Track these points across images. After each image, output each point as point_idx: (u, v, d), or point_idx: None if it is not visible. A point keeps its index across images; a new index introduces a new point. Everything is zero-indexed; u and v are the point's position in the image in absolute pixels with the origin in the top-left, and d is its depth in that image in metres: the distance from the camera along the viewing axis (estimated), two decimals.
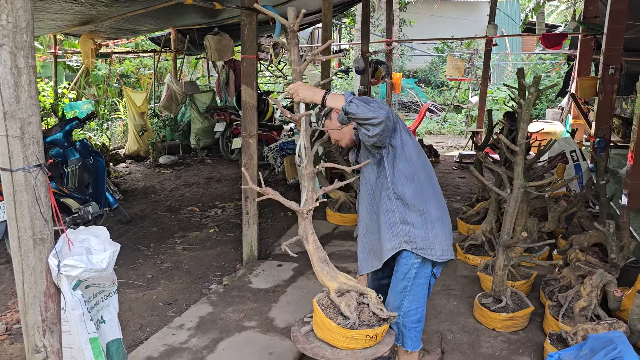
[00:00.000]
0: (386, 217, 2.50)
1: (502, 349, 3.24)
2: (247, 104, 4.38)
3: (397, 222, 2.48)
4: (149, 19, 7.69)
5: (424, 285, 2.58)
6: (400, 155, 2.46)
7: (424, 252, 2.48)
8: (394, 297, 2.58)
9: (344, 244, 5.14)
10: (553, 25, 17.78)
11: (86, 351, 2.23)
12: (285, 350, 3.20)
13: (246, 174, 2.39)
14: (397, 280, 2.56)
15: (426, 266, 2.54)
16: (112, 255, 2.30)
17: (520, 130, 3.28)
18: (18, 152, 2.03)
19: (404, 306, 2.56)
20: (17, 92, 2.00)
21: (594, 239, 4.18)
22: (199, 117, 9.96)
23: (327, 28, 6.65)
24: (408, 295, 2.54)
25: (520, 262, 3.69)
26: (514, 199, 3.34)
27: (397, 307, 2.56)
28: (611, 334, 2.37)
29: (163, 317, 3.79)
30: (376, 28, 17.30)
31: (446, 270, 4.48)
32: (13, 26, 1.97)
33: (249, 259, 4.67)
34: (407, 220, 2.47)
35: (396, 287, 2.56)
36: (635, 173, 5.34)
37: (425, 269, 2.54)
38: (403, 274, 2.52)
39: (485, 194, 5.74)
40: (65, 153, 5.29)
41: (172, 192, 7.35)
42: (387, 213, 2.49)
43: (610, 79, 7.10)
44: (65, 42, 12.39)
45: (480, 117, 10.58)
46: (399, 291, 2.55)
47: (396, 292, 2.56)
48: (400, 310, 2.55)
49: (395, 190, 2.47)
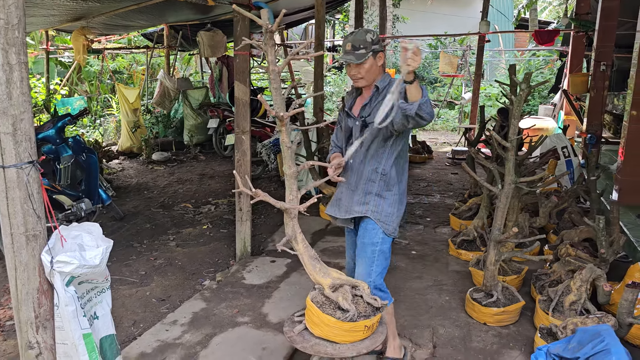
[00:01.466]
0: (366, 185, 2.74)
1: (493, 343, 3.27)
2: (240, 101, 4.38)
3: (373, 193, 2.73)
4: (142, 15, 7.66)
5: (389, 247, 2.82)
6: (402, 140, 2.72)
7: (383, 225, 2.73)
8: (363, 262, 2.78)
9: (337, 239, 5.16)
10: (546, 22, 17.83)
11: (79, 347, 2.24)
12: (278, 345, 3.22)
13: (238, 177, 2.39)
14: (364, 246, 2.77)
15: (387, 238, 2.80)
16: (105, 252, 2.31)
17: (511, 127, 3.31)
18: (10, 149, 2.03)
19: (374, 268, 2.76)
20: (9, 89, 1.99)
21: (584, 234, 4.23)
22: (192, 114, 9.94)
23: (320, 25, 6.65)
24: (377, 259, 2.76)
25: (511, 257, 3.73)
26: (505, 194, 3.37)
27: (368, 272, 2.76)
28: (598, 327, 2.41)
29: (156, 313, 3.80)
30: (369, 24, 17.28)
31: (438, 265, 4.51)
32: (5, 22, 1.96)
33: (242, 255, 4.68)
34: (382, 194, 2.73)
35: (364, 252, 2.77)
36: (626, 169, 5.40)
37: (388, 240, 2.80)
38: (370, 239, 2.74)
39: (478, 189, 5.77)
40: (58, 150, 5.28)
41: (165, 189, 7.35)
42: (368, 182, 2.73)
43: (602, 75, 7.16)
44: (57, 38, 12.31)
45: (473, 114, 10.63)
46: (368, 256, 2.76)
47: (365, 257, 2.77)
48: (373, 273, 2.76)
49: (384, 166, 2.71)
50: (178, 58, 12.48)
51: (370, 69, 2.65)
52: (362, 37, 2.61)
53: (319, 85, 6.74)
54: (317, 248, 4.93)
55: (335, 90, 16.08)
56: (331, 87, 16.25)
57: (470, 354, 3.16)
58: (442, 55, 13.55)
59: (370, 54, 2.61)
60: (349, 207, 2.79)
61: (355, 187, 2.76)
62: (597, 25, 7.23)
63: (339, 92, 15.76)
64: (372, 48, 2.61)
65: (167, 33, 10.10)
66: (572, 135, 9.19)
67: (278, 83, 2.28)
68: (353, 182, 2.78)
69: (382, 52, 2.68)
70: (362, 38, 2.61)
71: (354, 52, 2.61)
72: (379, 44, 2.66)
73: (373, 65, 2.65)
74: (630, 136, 5.36)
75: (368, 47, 2.61)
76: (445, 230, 5.47)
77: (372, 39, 2.62)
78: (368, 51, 2.60)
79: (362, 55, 2.60)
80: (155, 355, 3.14)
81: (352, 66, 2.66)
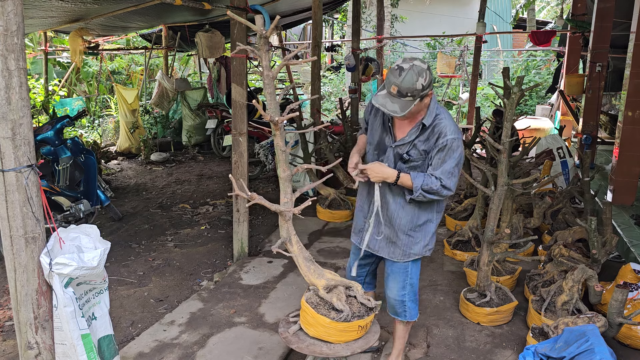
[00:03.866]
0: (424, 226, 2.69)
1: (486, 343, 3.32)
2: (237, 103, 4.42)
3: (431, 233, 2.74)
4: (140, 17, 7.69)
5: (419, 263, 2.86)
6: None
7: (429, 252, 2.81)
8: (396, 278, 2.80)
9: (334, 240, 5.20)
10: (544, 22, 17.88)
11: (78, 347, 2.29)
12: (274, 345, 3.27)
13: (234, 181, 2.43)
14: (399, 265, 2.77)
15: None
16: (103, 254, 2.35)
17: (504, 129, 3.35)
18: (9, 153, 2.07)
19: (408, 284, 2.81)
20: (8, 94, 2.04)
21: (578, 235, 4.27)
22: (190, 114, 9.97)
23: (318, 26, 6.68)
24: (410, 274, 2.80)
25: (504, 257, 3.77)
26: (498, 196, 3.41)
27: (402, 287, 2.80)
28: (584, 327, 2.46)
29: (154, 314, 3.84)
30: (368, 24, 17.34)
31: (433, 266, 4.56)
32: (4, 29, 2.00)
33: (239, 255, 4.73)
34: (434, 230, 2.77)
35: (397, 269, 2.78)
36: (620, 169, 5.45)
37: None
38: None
39: (473, 190, 5.82)
40: (56, 151, 5.31)
41: (163, 190, 7.38)
42: (427, 223, 2.69)
43: (597, 76, 7.21)
44: (55, 39, 12.33)
45: (470, 114, 10.67)
46: (401, 272, 2.78)
47: (398, 273, 2.79)
48: (406, 288, 2.80)
49: (429, 216, 2.69)
50: (176, 59, 12.50)
51: (416, 113, 2.46)
52: (411, 84, 2.29)
53: (316, 87, 6.78)
54: (314, 249, 4.97)
55: (333, 90, 16.11)
56: (329, 87, 16.28)
57: (464, 354, 3.20)
58: (439, 56, 13.58)
59: (418, 100, 2.35)
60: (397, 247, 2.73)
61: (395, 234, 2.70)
62: (592, 26, 7.28)
63: (337, 92, 15.79)
64: (421, 95, 2.34)
65: (166, 34, 10.13)
66: (568, 136, 9.23)
67: (272, 88, 2.31)
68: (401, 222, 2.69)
69: (430, 90, 2.40)
70: (411, 85, 2.29)
71: (399, 98, 2.33)
72: (430, 87, 2.36)
73: (418, 108, 2.43)
74: (625, 137, 5.41)
75: (416, 96, 2.32)
76: (440, 231, 5.51)
77: (423, 85, 2.31)
78: (415, 99, 2.33)
79: (407, 104, 2.32)
80: (153, 355, 3.18)
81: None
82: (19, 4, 2.04)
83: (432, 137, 2.48)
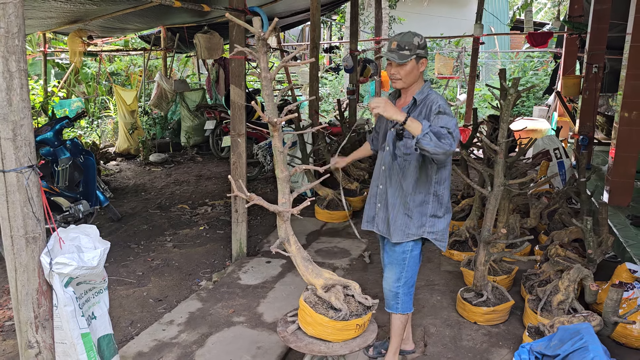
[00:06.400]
0: (420, 207, 2.76)
1: (483, 342, 3.35)
2: (235, 104, 4.45)
3: (428, 214, 2.77)
4: (139, 18, 7.71)
5: (419, 256, 2.91)
6: (447, 164, 2.76)
7: (439, 244, 2.83)
8: (393, 269, 2.88)
9: (332, 240, 5.23)
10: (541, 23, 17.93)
11: (78, 346, 2.31)
12: (273, 344, 3.29)
13: (233, 181, 2.45)
14: (396, 254, 2.85)
15: (419, 243, 2.87)
16: (103, 253, 2.37)
17: (500, 130, 3.38)
18: (10, 154, 2.09)
19: (403, 276, 2.87)
20: (9, 96, 2.06)
21: (574, 235, 4.31)
22: (189, 115, 9.99)
23: (316, 27, 6.71)
24: (407, 266, 2.86)
25: (501, 257, 3.80)
26: (494, 196, 3.44)
27: (397, 278, 2.87)
28: (579, 326, 2.48)
29: (153, 313, 3.86)
30: (366, 25, 17.35)
31: (431, 265, 4.58)
32: (5, 31, 2.02)
33: (238, 255, 4.75)
34: (437, 214, 2.79)
35: (395, 259, 2.86)
36: (616, 170, 5.48)
37: (419, 245, 2.87)
38: (401, 247, 2.83)
39: (470, 190, 5.84)
40: (56, 152, 5.33)
41: (162, 190, 7.40)
42: (422, 204, 2.76)
43: (594, 77, 7.24)
44: (54, 40, 12.34)
45: (468, 115, 10.71)
46: (398, 263, 2.85)
47: (395, 264, 2.87)
48: (400, 281, 2.87)
49: (436, 189, 2.75)
50: (175, 60, 12.52)
51: (410, 72, 2.67)
52: (409, 39, 2.63)
53: (314, 88, 6.81)
54: (312, 249, 5.00)
55: (331, 91, 16.13)
56: (327, 89, 16.30)
57: (461, 353, 3.23)
58: (437, 57, 13.63)
59: (414, 57, 2.63)
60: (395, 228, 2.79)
61: (405, 209, 2.77)
62: (589, 27, 7.32)
63: (335, 93, 15.82)
64: (417, 52, 2.63)
65: (165, 35, 10.16)
66: (565, 137, 9.27)
67: (270, 89, 2.33)
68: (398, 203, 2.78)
69: (425, 58, 2.69)
70: (409, 40, 2.63)
71: (398, 51, 2.63)
72: (425, 50, 2.68)
73: (414, 68, 2.67)
74: (621, 138, 5.45)
75: (413, 50, 2.62)
76: None
77: (419, 42, 2.64)
78: (412, 53, 2.62)
79: (405, 56, 2.61)
80: (152, 354, 3.21)
81: (392, 65, 2.67)
82: (20, 6, 2.06)
83: (424, 110, 2.66)
